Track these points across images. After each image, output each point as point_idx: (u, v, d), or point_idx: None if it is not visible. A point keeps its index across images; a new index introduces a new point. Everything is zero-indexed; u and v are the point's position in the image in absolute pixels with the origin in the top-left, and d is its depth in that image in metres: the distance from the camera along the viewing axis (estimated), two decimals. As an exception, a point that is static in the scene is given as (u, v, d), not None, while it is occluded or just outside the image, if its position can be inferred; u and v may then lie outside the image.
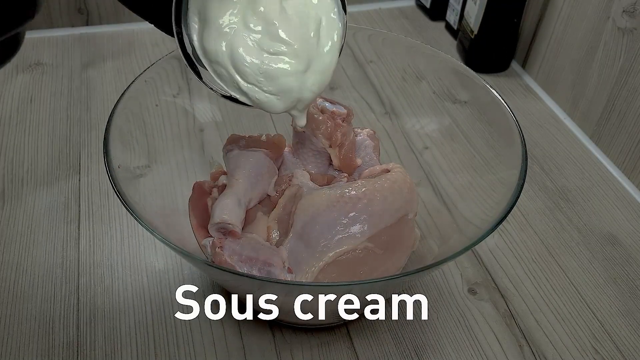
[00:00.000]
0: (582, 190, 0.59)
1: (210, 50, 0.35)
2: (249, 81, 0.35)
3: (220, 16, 0.34)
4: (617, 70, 0.59)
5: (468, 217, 0.44)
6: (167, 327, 0.45)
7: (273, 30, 0.34)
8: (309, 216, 0.39)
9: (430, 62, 0.51)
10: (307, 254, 0.38)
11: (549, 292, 0.49)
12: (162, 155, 0.48)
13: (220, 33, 0.34)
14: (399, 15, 0.86)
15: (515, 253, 0.52)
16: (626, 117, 0.59)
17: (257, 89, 0.35)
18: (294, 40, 0.35)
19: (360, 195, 0.39)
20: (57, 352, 0.43)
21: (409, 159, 0.53)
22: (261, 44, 0.34)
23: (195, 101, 0.52)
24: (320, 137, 0.45)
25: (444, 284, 0.49)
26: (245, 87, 0.35)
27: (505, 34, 0.73)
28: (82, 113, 0.64)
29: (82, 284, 0.47)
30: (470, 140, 0.49)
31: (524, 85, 0.73)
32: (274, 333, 0.45)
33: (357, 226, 0.38)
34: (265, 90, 0.36)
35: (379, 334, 0.45)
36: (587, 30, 0.63)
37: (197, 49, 0.36)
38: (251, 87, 0.35)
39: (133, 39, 0.77)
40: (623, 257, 0.52)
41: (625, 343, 0.46)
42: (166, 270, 0.49)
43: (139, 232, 0.52)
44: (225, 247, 0.38)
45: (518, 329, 0.46)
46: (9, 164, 0.58)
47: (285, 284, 0.36)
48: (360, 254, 0.38)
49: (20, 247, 0.50)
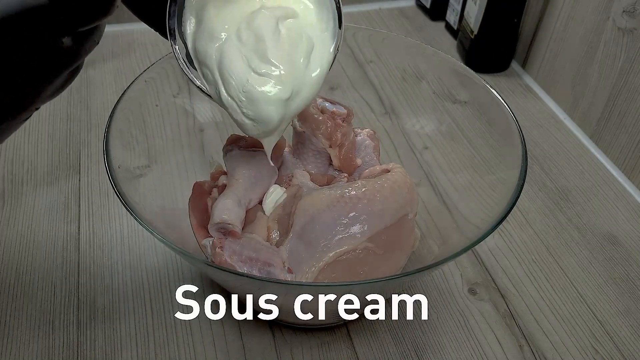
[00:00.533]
0: (582, 190, 0.59)
1: (201, 51, 0.35)
2: (230, 94, 0.34)
3: (216, 21, 0.34)
4: (617, 70, 0.59)
5: (468, 217, 0.44)
6: (167, 327, 0.45)
7: (262, 48, 0.33)
8: (309, 216, 0.39)
9: (430, 62, 0.51)
10: (307, 254, 0.38)
11: (549, 292, 0.49)
12: (162, 155, 0.48)
13: (212, 37, 0.34)
14: (399, 15, 0.86)
15: (515, 253, 0.52)
16: (626, 117, 0.59)
17: (237, 106, 0.35)
18: (282, 65, 0.34)
19: (360, 195, 0.39)
20: (57, 352, 0.43)
21: (409, 159, 0.53)
22: (250, 60, 0.34)
23: (195, 101, 0.52)
24: (320, 137, 0.45)
25: (444, 284, 0.49)
26: (225, 98, 0.34)
27: (505, 34, 0.73)
28: (82, 113, 0.64)
29: (82, 284, 0.47)
30: (470, 140, 0.49)
31: (524, 85, 0.73)
32: (274, 333, 0.45)
33: (357, 226, 0.38)
34: (244, 113, 0.35)
35: (379, 334, 0.45)
36: (587, 30, 0.63)
37: (189, 48, 0.36)
38: (231, 102, 0.34)
39: (133, 39, 0.77)
40: (623, 257, 0.52)
41: (625, 343, 0.46)
42: (166, 270, 0.49)
43: (139, 232, 0.52)
44: (225, 247, 0.38)
45: (518, 329, 0.46)
46: (9, 164, 0.58)
47: (285, 284, 0.36)
48: (360, 254, 0.38)
49: (20, 247, 0.50)
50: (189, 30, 0.35)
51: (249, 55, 0.34)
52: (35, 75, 0.24)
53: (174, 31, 0.35)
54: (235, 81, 0.34)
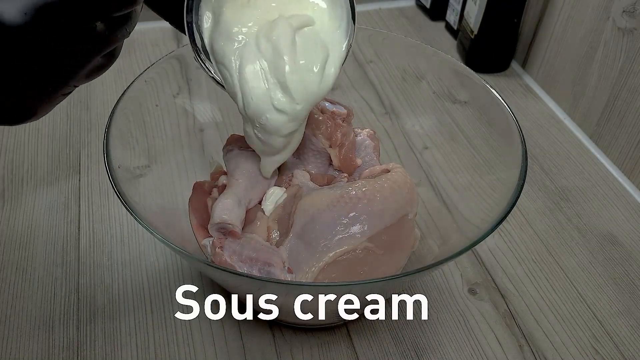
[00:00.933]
0: (582, 190, 0.59)
1: (218, 51, 0.35)
2: (248, 112, 0.36)
3: (233, 22, 0.35)
4: (617, 70, 0.59)
5: (468, 217, 0.44)
6: (167, 327, 0.45)
7: (281, 66, 0.35)
8: (309, 216, 0.39)
9: (430, 62, 0.51)
10: (307, 254, 0.38)
11: (549, 292, 0.49)
12: (162, 155, 0.48)
13: (230, 38, 0.35)
14: (399, 15, 0.86)
15: (515, 253, 0.52)
16: (626, 117, 0.59)
17: (250, 123, 0.37)
18: (298, 96, 0.35)
19: (360, 195, 0.39)
20: (57, 352, 0.43)
21: (409, 159, 0.53)
22: (270, 87, 0.35)
23: (195, 101, 0.52)
24: (320, 137, 0.45)
25: (444, 284, 0.49)
26: (242, 111, 0.36)
27: (505, 34, 0.73)
28: (82, 113, 0.64)
29: (82, 284, 0.47)
30: (470, 140, 0.49)
31: (524, 85, 0.73)
32: (274, 333, 0.45)
33: (357, 226, 0.38)
34: (256, 134, 0.37)
35: (379, 334, 0.45)
36: (587, 30, 0.63)
37: (206, 44, 0.36)
38: (247, 117, 0.36)
39: (133, 39, 0.76)
40: (623, 257, 0.52)
41: (625, 343, 0.46)
42: (166, 270, 0.49)
43: (139, 232, 0.52)
44: (225, 247, 0.38)
45: (518, 329, 0.46)
46: (9, 164, 0.58)
47: (285, 284, 0.36)
48: (360, 254, 0.38)
49: (20, 247, 0.50)
50: (205, 25, 0.36)
51: (269, 76, 0.35)
52: (68, 57, 0.25)
53: (191, 24, 0.36)
54: (254, 105, 0.35)
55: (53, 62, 0.25)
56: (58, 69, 0.26)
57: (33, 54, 0.24)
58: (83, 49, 0.26)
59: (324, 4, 0.37)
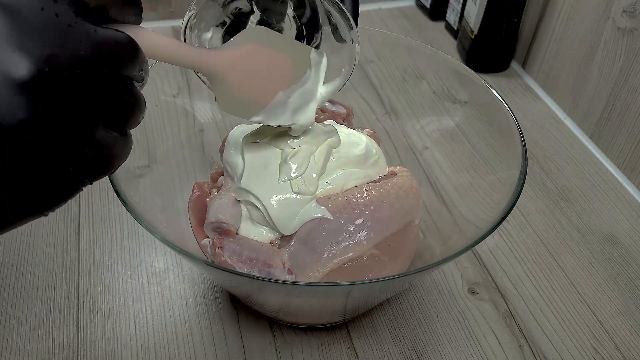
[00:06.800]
0: (582, 190, 0.59)
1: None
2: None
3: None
4: (617, 70, 0.59)
5: (468, 217, 0.44)
6: (167, 327, 0.45)
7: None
8: (315, 222, 0.39)
9: (430, 62, 0.51)
10: (312, 259, 0.38)
11: (549, 292, 0.49)
12: (162, 155, 0.48)
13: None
14: (399, 15, 0.86)
15: (515, 253, 0.52)
16: (626, 117, 0.59)
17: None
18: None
19: (367, 202, 0.38)
20: (57, 352, 0.43)
21: (409, 159, 0.53)
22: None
23: (195, 101, 0.52)
24: (321, 137, 0.44)
25: (444, 284, 0.49)
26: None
27: (505, 34, 0.73)
28: (82, 113, 0.64)
29: (82, 284, 0.47)
30: (470, 140, 0.49)
31: (524, 85, 0.73)
32: (274, 333, 0.45)
33: (363, 233, 0.38)
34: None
35: (379, 334, 0.45)
36: (587, 30, 0.63)
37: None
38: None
39: (133, 39, 0.76)
40: (623, 257, 0.52)
41: (625, 343, 0.46)
42: (166, 270, 0.49)
43: (139, 232, 0.52)
44: (225, 248, 0.38)
45: (518, 329, 0.46)
46: (9, 164, 0.57)
47: (286, 284, 0.36)
48: (366, 261, 0.38)
49: (20, 247, 0.50)
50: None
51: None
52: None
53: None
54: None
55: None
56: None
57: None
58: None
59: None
